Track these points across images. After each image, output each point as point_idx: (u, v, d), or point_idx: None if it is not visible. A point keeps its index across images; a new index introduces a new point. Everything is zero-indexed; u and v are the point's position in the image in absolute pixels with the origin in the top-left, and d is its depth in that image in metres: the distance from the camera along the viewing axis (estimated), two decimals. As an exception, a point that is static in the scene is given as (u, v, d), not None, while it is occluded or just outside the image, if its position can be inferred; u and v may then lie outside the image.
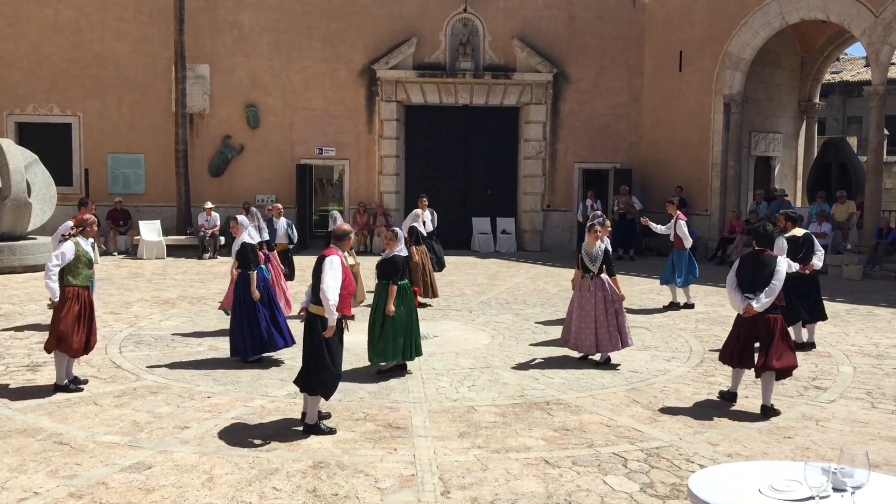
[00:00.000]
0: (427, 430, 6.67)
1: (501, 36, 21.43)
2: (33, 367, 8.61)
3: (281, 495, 5.29)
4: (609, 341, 8.77)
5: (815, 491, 3.15)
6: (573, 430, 6.72)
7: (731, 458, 6.08)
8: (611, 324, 8.76)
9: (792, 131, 22.09)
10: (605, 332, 8.74)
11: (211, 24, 20.88)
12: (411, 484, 5.51)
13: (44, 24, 20.61)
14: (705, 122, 19.82)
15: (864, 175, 18.47)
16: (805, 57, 21.84)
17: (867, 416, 7.22)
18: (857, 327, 11.42)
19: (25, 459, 5.85)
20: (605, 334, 8.75)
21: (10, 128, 20.61)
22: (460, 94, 21.49)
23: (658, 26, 21.32)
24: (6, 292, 13.55)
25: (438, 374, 8.55)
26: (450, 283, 15.19)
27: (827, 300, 13.67)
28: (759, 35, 18.77)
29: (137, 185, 21.14)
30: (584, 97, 21.78)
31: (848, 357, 9.57)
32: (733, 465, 3.87)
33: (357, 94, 21.35)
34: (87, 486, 5.38)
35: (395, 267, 8.32)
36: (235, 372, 8.52)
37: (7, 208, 16.05)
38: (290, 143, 21.31)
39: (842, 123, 38.26)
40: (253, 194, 21.08)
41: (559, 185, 22.01)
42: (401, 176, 21.75)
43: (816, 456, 6.10)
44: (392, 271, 8.29)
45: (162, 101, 20.84)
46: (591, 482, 5.58)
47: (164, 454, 6.01)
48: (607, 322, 8.75)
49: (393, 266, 8.33)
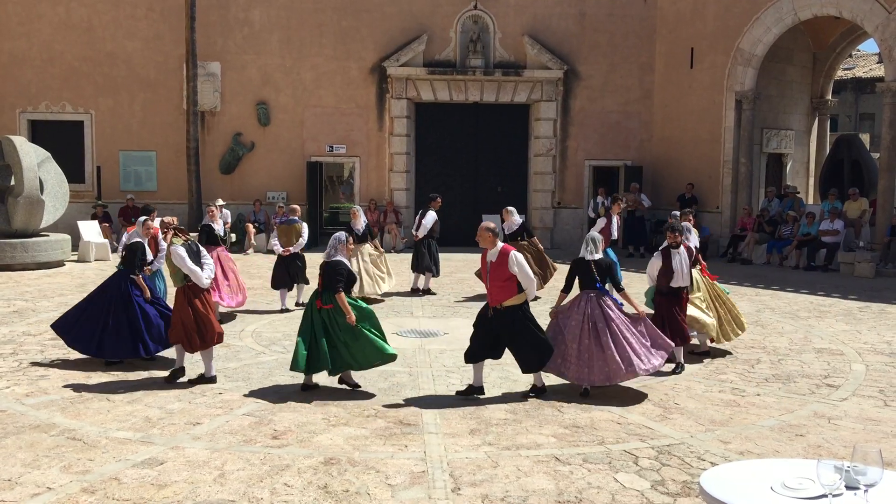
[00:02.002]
0: (438, 426, 6.67)
1: (512, 33, 21.40)
2: (46, 363, 8.66)
3: (292, 491, 5.31)
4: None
5: (828, 489, 3.14)
6: (584, 427, 6.71)
7: (743, 455, 6.06)
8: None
9: (804, 128, 21.98)
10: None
11: (222, 22, 20.93)
12: (422, 480, 5.52)
13: (56, 23, 20.71)
14: (717, 118, 19.75)
15: (877, 172, 18.35)
16: (817, 53, 21.73)
17: (880, 415, 7.18)
18: (870, 325, 11.35)
19: (39, 455, 5.89)
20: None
21: (22, 125, 20.73)
22: (471, 92, 21.48)
23: (669, 23, 21.24)
24: (19, 289, 13.63)
25: (449, 371, 8.56)
26: (460, 280, 15.19)
27: (839, 298, 13.67)
28: (771, 31, 18.68)
29: (149, 182, 21.23)
30: (595, 94, 21.73)
31: (860, 355, 9.52)
32: (745, 463, 3.86)
33: (368, 91, 21.37)
34: (99, 482, 5.42)
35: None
36: (247, 369, 8.56)
37: (20, 205, 16.15)
38: (301, 140, 21.35)
39: (854, 120, 38.05)
40: (264, 191, 21.16)
41: (569, 183, 21.97)
42: (411, 173, 21.77)
43: (829, 454, 6.07)
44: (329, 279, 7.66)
45: (173, 99, 20.92)
46: (602, 479, 5.58)
47: (176, 450, 6.04)
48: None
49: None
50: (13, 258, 15.85)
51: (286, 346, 9.64)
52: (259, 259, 18.50)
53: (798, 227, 18.22)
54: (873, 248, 17.04)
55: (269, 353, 9.36)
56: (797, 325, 11.35)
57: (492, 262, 7.36)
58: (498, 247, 7.38)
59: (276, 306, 12.21)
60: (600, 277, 7.72)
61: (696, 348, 9.44)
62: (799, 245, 17.85)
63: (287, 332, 10.50)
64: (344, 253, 7.63)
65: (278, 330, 10.65)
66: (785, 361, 9.17)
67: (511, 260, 7.25)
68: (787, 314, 12.15)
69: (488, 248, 7.43)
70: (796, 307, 12.77)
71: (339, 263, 7.50)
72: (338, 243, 7.57)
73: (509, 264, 7.24)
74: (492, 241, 7.40)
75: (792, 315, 12.08)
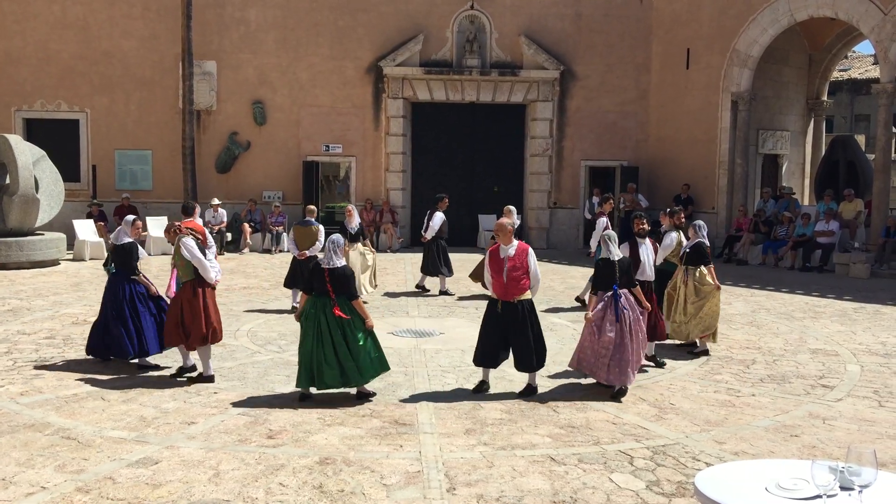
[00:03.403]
0: (433, 426, 6.67)
1: (508, 33, 21.40)
2: (41, 362, 8.64)
3: (287, 491, 5.30)
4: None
5: (822, 489, 3.14)
6: (579, 427, 6.72)
7: (738, 456, 6.07)
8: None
9: (800, 129, 22.02)
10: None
11: (218, 21, 20.90)
12: (417, 480, 5.51)
13: (51, 21, 20.66)
14: (712, 119, 19.77)
15: (872, 173, 18.38)
16: (813, 54, 21.76)
17: (874, 415, 7.20)
18: (865, 326, 11.38)
19: (33, 454, 5.88)
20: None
21: (17, 124, 20.66)
22: (467, 92, 21.48)
23: (665, 23, 21.26)
24: (14, 288, 13.60)
25: (445, 370, 8.56)
26: (455, 280, 15.18)
27: (834, 298, 13.70)
28: (767, 32, 18.71)
29: (145, 181, 21.18)
30: (591, 94, 21.74)
31: (855, 356, 9.54)
32: (740, 464, 3.86)
33: (364, 91, 21.35)
34: (94, 481, 5.40)
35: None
36: (242, 368, 8.55)
37: (15, 204, 16.11)
38: (297, 139, 21.32)
39: (850, 121, 38.10)
40: (260, 191, 21.13)
41: (566, 183, 21.97)
42: (407, 173, 21.75)
43: (823, 454, 6.08)
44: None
45: (169, 98, 20.88)
46: (597, 480, 5.58)
47: (171, 449, 6.03)
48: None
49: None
50: (8, 257, 15.81)
51: (281, 346, 9.64)
52: (254, 259, 18.48)
53: (793, 228, 18.26)
54: (868, 249, 17.08)
55: (265, 352, 9.35)
56: (792, 325, 11.37)
57: (509, 257, 7.48)
58: (515, 242, 7.59)
59: (271, 306, 12.21)
60: (619, 277, 7.69)
61: (694, 348, 9.48)
62: (794, 246, 17.89)
63: (282, 331, 10.49)
64: (342, 256, 7.53)
65: (273, 329, 10.63)
66: (780, 362, 9.19)
67: (531, 255, 7.55)
68: (783, 315, 12.17)
69: (504, 244, 7.56)
70: (791, 308, 12.79)
71: (347, 268, 7.42)
72: (336, 247, 7.44)
73: (529, 258, 7.51)
74: (510, 237, 7.61)
75: (787, 316, 12.10)
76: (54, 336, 9.89)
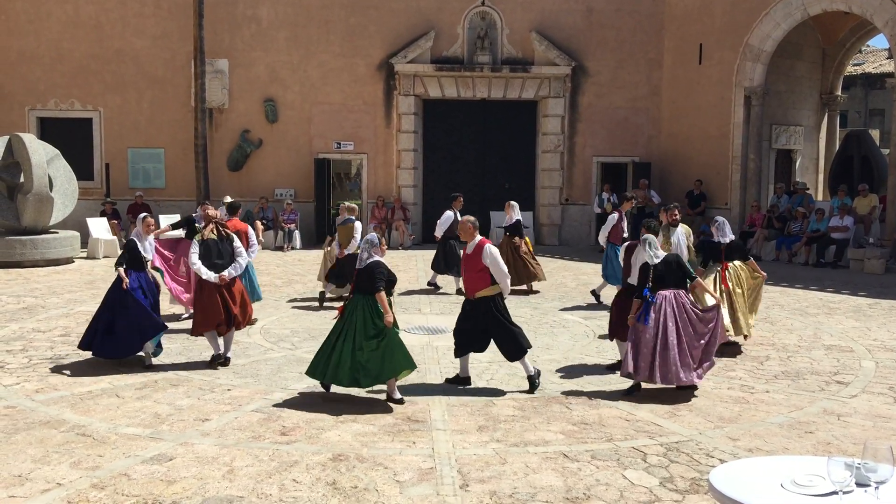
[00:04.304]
0: (446, 423, 6.68)
1: (519, 29, 21.36)
2: (56, 359, 8.70)
3: (301, 487, 5.32)
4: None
5: (838, 486, 3.12)
6: (592, 424, 6.70)
7: (752, 452, 6.04)
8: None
9: (813, 124, 21.88)
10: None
11: (229, 19, 20.95)
12: (430, 477, 5.52)
13: (64, 20, 20.76)
14: (725, 114, 19.67)
15: (887, 168, 18.26)
16: (827, 49, 21.62)
17: (890, 411, 7.15)
18: (880, 322, 11.30)
19: (48, 451, 5.92)
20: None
21: (31, 123, 20.79)
22: (478, 88, 21.45)
23: (677, 18, 21.16)
24: (29, 285, 13.69)
25: (457, 367, 8.54)
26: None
27: (849, 294, 13.61)
28: (780, 27, 18.59)
29: (158, 179, 21.28)
30: (603, 90, 21.67)
31: (870, 352, 9.48)
32: (754, 460, 3.85)
33: (375, 88, 21.36)
34: (109, 478, 5.44)
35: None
36: (255, 365, 8.58)
37: (29, 203, 16.22)
38: (309, 137, 21.36)
39: (864, 116, 37.85)
40: (272, 188, 21.18)
41: (577, 179, 21.92)
42: (418, 170, 21.75)
43: (838, 451, 6.05)
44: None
45: (181, 96, 20.95)
46: (611, 476, 5.57)
47: (186, 446, 6.06)
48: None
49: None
50: (23, 255, 15.92)
51: (294, 343, 9.67)
52: (266, 256, 18.52)
53: (807, 224, 18.15)
54: (883, 244, 16.95)
55: (278, 349, 9.38)
56: (806, 321, 11.31)
57: (466, 254, 7.70)
58: (476, 239, 7.66)
59: (284, 303, 12.24)
60: (664, 279, 7.52)
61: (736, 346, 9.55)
62: (808, 241, 17.78)
63: (295, 328, 10.52)
64: (379, 254, 7.43)
65: (286, 326, 10.67)
66: (794, 358, 9.14)
67: (485, 252, 7.50)
68: (797, 311, 12.10)
69: (467, 241, 7.72)
70: (805, 304, 12.72)
71: (378, 264, 7.28)
72: (371, 246, 7.37)
73: (483, 256, 7.49)
74: (472, 233, 7.69)
75: (801, 312, 12.04)
76: (69, 333, 9.94)
